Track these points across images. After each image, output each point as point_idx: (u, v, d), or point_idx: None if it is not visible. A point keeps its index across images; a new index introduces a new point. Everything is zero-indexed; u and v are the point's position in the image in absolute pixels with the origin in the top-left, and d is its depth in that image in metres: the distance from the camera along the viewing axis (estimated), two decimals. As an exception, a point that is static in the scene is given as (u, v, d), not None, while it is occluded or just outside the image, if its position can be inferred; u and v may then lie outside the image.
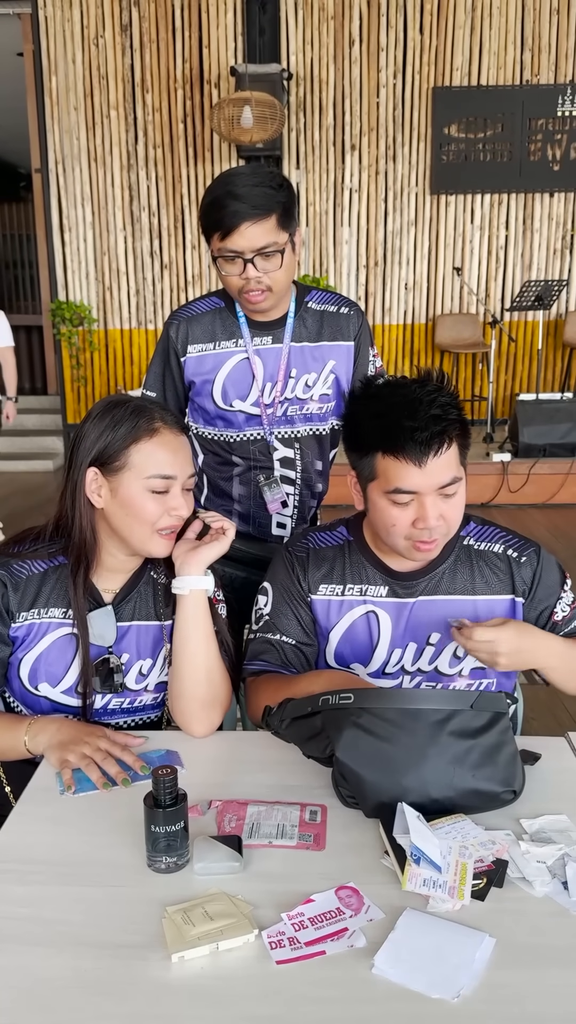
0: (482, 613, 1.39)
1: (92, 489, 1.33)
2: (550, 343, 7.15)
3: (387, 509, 1.30)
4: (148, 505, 1.31)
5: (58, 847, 1.09)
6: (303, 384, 1.76)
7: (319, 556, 1.43)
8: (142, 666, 1.41)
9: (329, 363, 1.77)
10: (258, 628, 1.44)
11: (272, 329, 1.74)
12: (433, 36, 6.81)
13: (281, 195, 1.60)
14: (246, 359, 1.74)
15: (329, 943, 0.92)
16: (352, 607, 1.41)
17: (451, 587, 1.39)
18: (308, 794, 1.19)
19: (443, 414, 1.25)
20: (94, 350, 7.29)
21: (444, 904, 0.97)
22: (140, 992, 0.87)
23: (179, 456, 1.34)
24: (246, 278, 1.62)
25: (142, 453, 1.31)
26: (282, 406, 1.76)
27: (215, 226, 1.60)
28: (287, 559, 1.44)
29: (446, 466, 1.27)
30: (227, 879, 1.02)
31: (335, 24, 6.78)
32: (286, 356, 1.74)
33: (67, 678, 1.38)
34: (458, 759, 1.09)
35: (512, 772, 1.12)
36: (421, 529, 1.29)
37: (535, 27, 6.78)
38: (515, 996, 0.86)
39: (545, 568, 1.41)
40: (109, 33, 6.85)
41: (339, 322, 1.79)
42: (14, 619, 1.37)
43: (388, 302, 7.23)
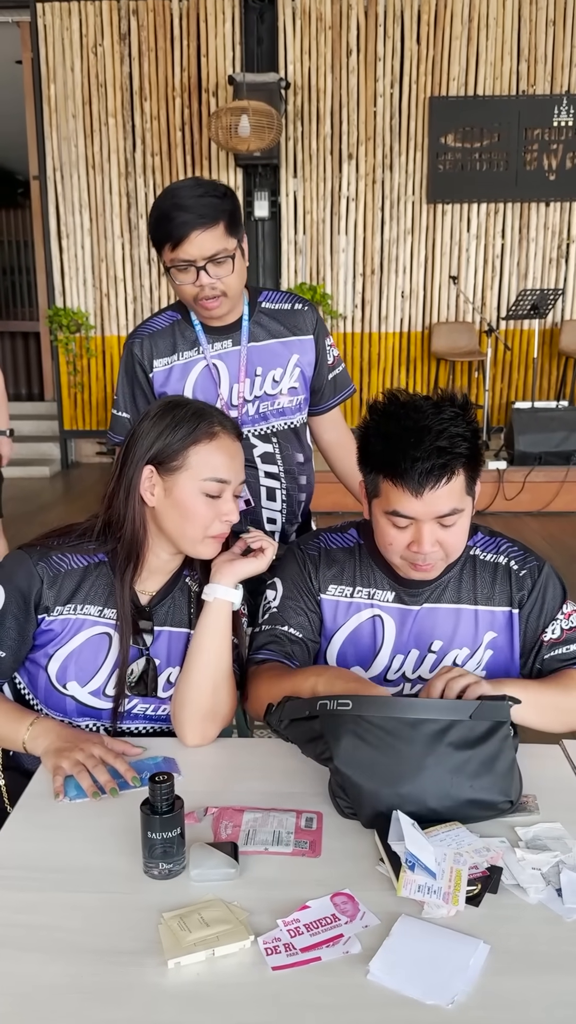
0: (482, 623, 1.40)
1: (146, 487, 1.34)
2: (545, 352, 7.18)
3: (386, 528, 1.31)
4: (200, 508, 1.32)
5: (54, 854, 1.09)
6: (271, 380, 1.81)
7: (330, 556, 1.44)
8: (171, 674, 1.40)
9: (293, 357, 1.83)
10: (264, 620, 1.44)
11: (229, 333, 1.80)
12: (430, 46, 6.85)
13: (226, 203, 1.65)
14: (208, 366, 1.79)
15: (325, 949, 0.93)
16: (359, 610, 1.42)
17: (455, 596, 1.40)
18: (304, 801, 1.20)
19: (450, 447, 1.23)
20: (91, 356, 7.30)
21: (439, 910, 0.97)
22: (137, 998, 0.87)
23: (235, 461, 1.36)
24: (200, 285, 1.67)
25: (200, 455, 1.32)
26: (253, 404, 1.81)
27: (166, 237, 1.64)
28: (299, 556, 1.45)
29: (446, 497, 1.26)
30: (223, 886, 1.02)
31: (332, 34, 6.82)
32: (245, 357, 1.79)
33: (96, 678, 1.37)
34: (456, 770, 1.10)
35: (509, 782, 1.12)
36: (416, 552, 1.29)
37: (531, 38, 6.83)
38: (510, 1003, 0.87)
39: (545, 585, 1.41)
40: (108, 42, 6.87)
41: (295, 318, 1.85)
42: (48, 612, 1.36)
43: (385, 310, 7.25)
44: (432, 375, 7.25)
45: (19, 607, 1.34)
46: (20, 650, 1.36)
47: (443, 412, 1.26)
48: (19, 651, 1.36)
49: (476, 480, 1.32)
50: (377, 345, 7.25)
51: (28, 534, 1.50)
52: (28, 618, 1.35)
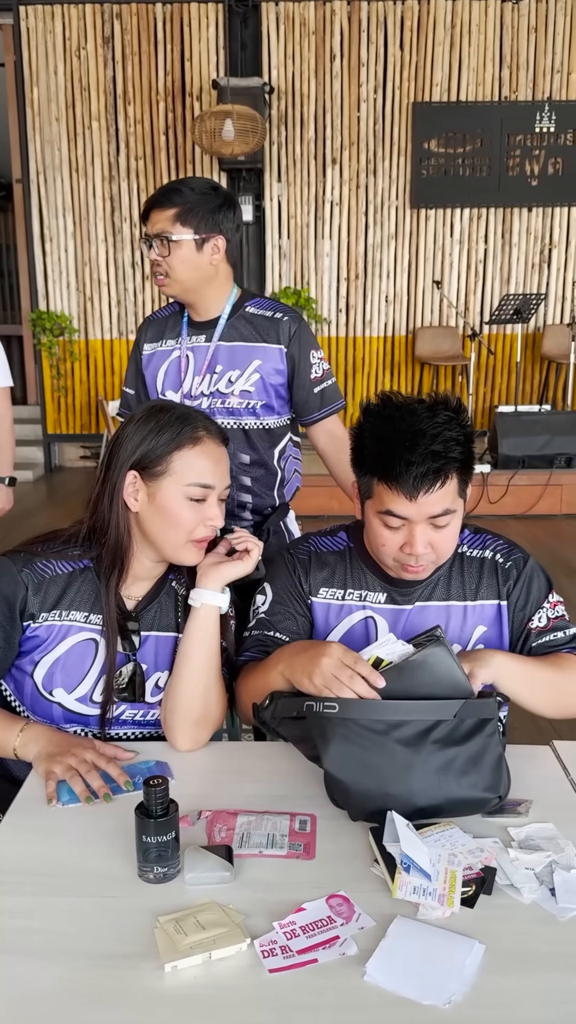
0: (471, 618, 1.41)
1: (129, 492, 1.34)
2: (528, 356, 7.22)
3: (379, 529, 1.31)
4: (184, 512, 1.32)
5: (48, 858, 1.09)
6: (226, 380, 1.90)
7: (320, 560, 1.44)
8: (159, 679, 1.40)
9: (254, 363, 1.89)
10: (252, 626, 1.45)
11: (207, 329, 1.92)
12: (413, 52, 6.89)
13: (194, 196, 1.82)
14: (181, 356, 1.92)
15: (321, 951, 0.93)
16: (351, 612, 1.42)
17: (445, 593, 1.41)
18: (297, 804, 1.20)
19: (443, 451, 1.24)
20: (75, 360, 7.28)
21: (434, 911, 0.98)
22: (133, 1002, 0.87)
23: (220, 466, 1.35)
24: (151, 260, 1.87)
25: (184, 460, 1.32)
26: (206, 399, 1.90)
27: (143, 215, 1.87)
28: (288, 561, 1.45)
29: (439, 500, 1.26)
30: (218, 889, 1.02)
31: (316, 39, 6.84)
32: (212, 353, 1.89)
33: (83, 685, 1.36)
34: (443, 768, 1.11)
35: (498, 777, 1.13)
36: (408, 554, 1.30)
37: (513, 45, 6.88)
38: (505, 1002, 0.87)
39: (530, 576, 1.43)
40: (91, 45, 6.86)
41: (269, 326, 1.91)
42: (34, 619, 1.35)
43: (369, 314, 7.27)
44: (416, 379, 7.28)
45: (4, 614, 1.33)
46: (6, 657, 1.35)
47: (437, 416, 1.26)
48: (5, 658, 1.35)
49: (468, 482, 1.33)
50: (361, 349, 7.27)
51: (12, 538, 1.49)
52: (14, 625, 1.34)
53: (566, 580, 4.57)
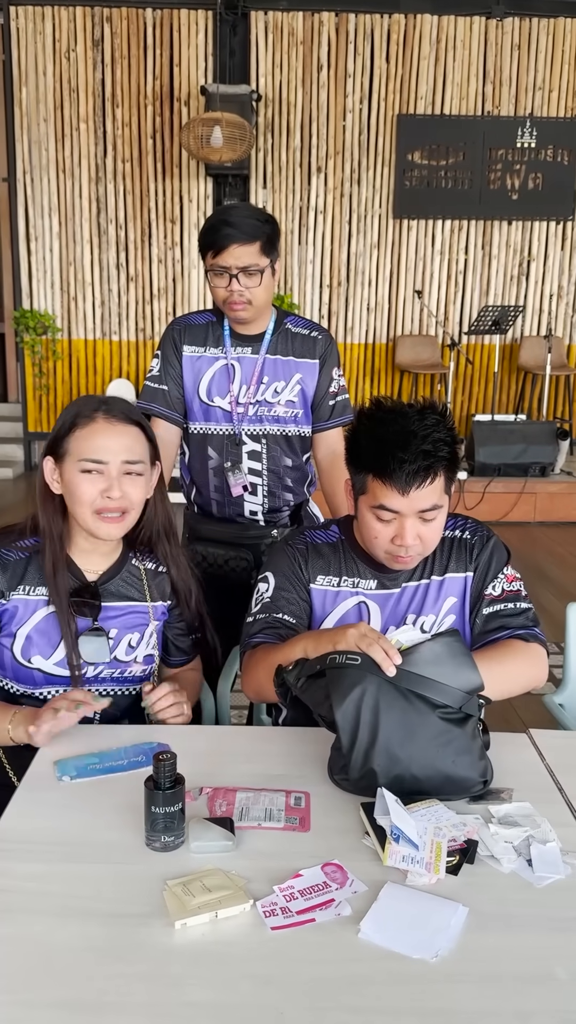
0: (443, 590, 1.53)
1: (51, 478, 1.46)
2: (505, 366, 7.36)
3: (372, 523, 1.42)
4: (82, 487, 1.42)
5: (60, 829, 1.16)
6: (272, 390, 2.04)
7: (317, 550, 1.55)
8: (131, 639, 1.53)
9: (296, 376, 2.05)
10: (257, 610, 1.53)
11: (252, 342, 2.04)
12: (399, 65, 7.01)
13: (267, 227, 1.93)
14: (227, 364, 2.02)
15: (318, 912, 1.01)
16: (345, 598, 1.53)
17: (423, 574, 1.54)
18: (292, 782, 1.28)
19: (433, 450, 1.35)
20: (57, 359, 7.31)
21: (421, 878, 1.06)
22: (148, 955, 0.94)
23: (111, 442, 1.43)
24: (230, 291, 1.93)
25: (78, 440, 1.43)
26: (253, 407, 2.03)
27: (210, 245, 1.93)
28: (288, 551, 1.56)
29: (429, 495, 1.38)
30: (221, 857, 1.10)
31: (304, 49, 6.94)
32: (260, 365, 2.03)
33: (59, 651, 1.48)
34: (445, 742, 1.20)
35: (485, 762, 1.23)
36: (399, 546, 1.41)
37: (497, 61, 7.02)
38: (486, 956, 0.96)
39: (492, 548, 1.56)
40: (81, 47, 6.91)
41: (309, 344, 2.08)
42: (4, 597, 1.47)
43: (350, 322, 7.38)
44: (396, 386, 7.39)
45: None
46: None
47: (427, 418, 1.38)
48: None
49: (453, 480, 1.45)
50: (342, 356, 7.37)
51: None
52: None
53: (539, 585, 4.69)
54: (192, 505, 2.15)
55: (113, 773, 1.28)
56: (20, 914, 1.00)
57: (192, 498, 2.14)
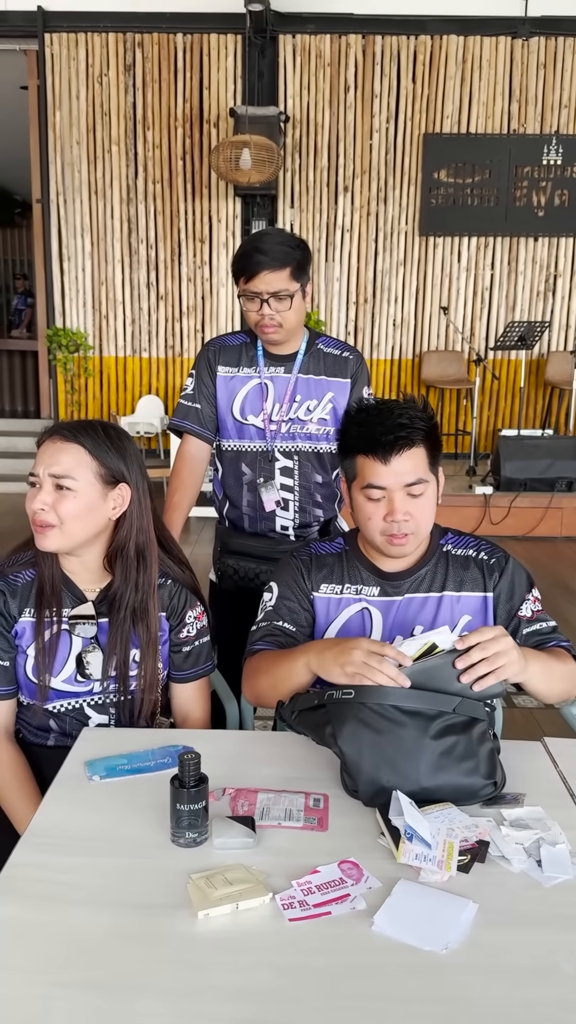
0: (458, 607, 1.57)
1: None
2: (532, 381, 7.39)
3: (364, 504, 1.51)
4: (27, 501, 1.49)
5: (91, 825, 1.22)
6: (305, 408, 2.11)
7: (320, 561, 1.62)
8: (134, 655, 1.57)
9: (328, 394, 2.13)
10: (261, 618, 1.61)
11: (285, 362, 2.12)
12: (425, 85, 7.10)
13: (296, 253, 2.00)
14: (261, 383, 2.10)
15: (334, 905, 1.06)
16: (349, 604, 1.59)
17: (431, 586, 1.58)
18: (311, 785, 1.33)
19: (410, 423, 1.48)
20: (89, 376, 7.45)
21: (434, 876, 1.11)
22: (172, 943, 1.00)
23: (45, 456, 1.47)
24: (262, 314, 2.01)
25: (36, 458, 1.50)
26: (286, 424, 2.10)
27: (242, 271, 2.01)
28: (293, 563, 1.63)
29: (411, 467, 1.47)
30: (243, 853, 1.15)
31: (331, 71, 7.06)
32: (293, 384, 2.10)
33: (66, 668, 1.55)
34: (446, 752, 1.24)
35: (493, 765, 1.27)
36: (391, 523, 1.48)
37: (522, 79, 7.10)
38: (494, 950, 1.00)
39: (512, 570, 1.61)
40: (113, 72, 7.09)
41: (340, 364, 2.16)
42: (16, 621, 1.55)
43: (376, 338, 7.45)
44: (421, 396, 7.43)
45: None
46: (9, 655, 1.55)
47: (404, 404, 1.52)
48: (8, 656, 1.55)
49: (437, 462, 1.53)
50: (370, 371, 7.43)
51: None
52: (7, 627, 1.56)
53: (564, 601, 4.69)
54: (224, 520, 2.22)
55: (141, 774, 1.34)
56: (55, 903, 1.06)
57: (225, 512, 2.21)
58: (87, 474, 1.48)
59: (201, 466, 2.18)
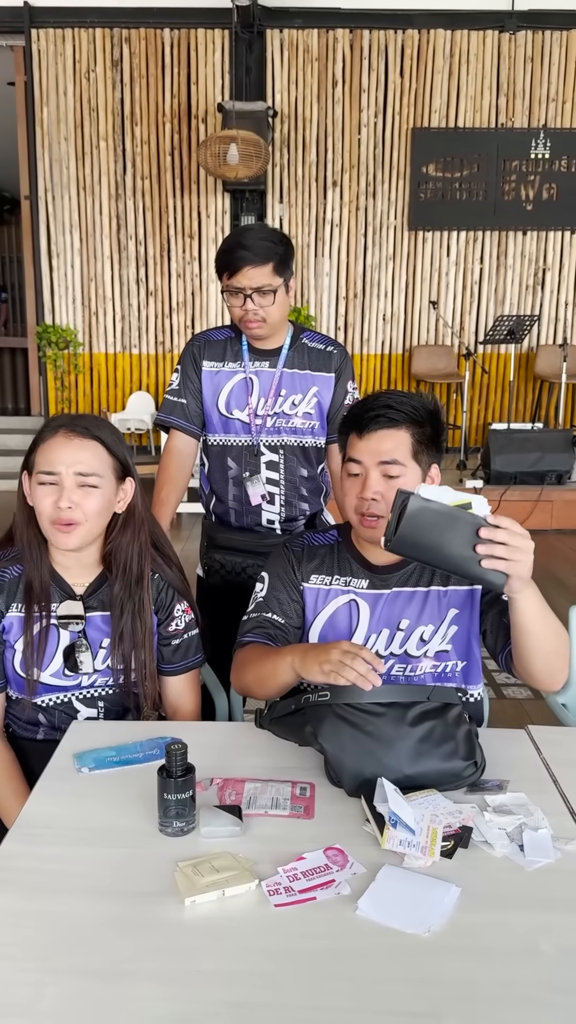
0: (445, 601, 1.58)
1: (28, 492, 1.53)
2: (521, 375, 7.42)
3: (346, 481, 1.54)
4: (39, 499, 1.49)
5: (80, 816, 1.24)
6: (290, 402, 2.12)
7: (312, 551, 1.64)
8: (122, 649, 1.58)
9: (313, 388, 2.14)
10: (251, 609, 1.63)
11: (270, 356, 2.12)
12: (413, 79, 7.11)
13: (279, 248, 2.00)
14: (246, 378, 2.10)
15: (319, 891, 1.08)
16: (337, 596, 1.60)
17: (419, 580, 1.58)
18: (298, 774, 1.35)
19: (396, 405, 1.49)
20: (79, 373, 7.45)
21: (417, 861, 1.13)
22: (161, 929, 1.02)
23: (65, 455, 1.48)
24: (245, 310, 2.01)
25: (38, 455, 1.50)
26: (271, 419, 2.11)
27: (225, 267, 2.01)
28: (285, 553, 1.65)
29: (390, 447, 1.48)
30: (230, 841, 1.17)
31: (319, 65, 7.06)
32: (278, 378, 2.11)
33: (53, 663, 1.56)
34: (424, 738, 1.27)
35: (471, 746, 1.30)
36: (362, 500, 1.50)
37: (510, 73, 7.11)
38: (475, 931, 1.02)
39: None
40: (100, 67, 7.07)
41: (324, 358, 2.16)
42: (3, 616, 1.56)
43: (367, 333, 7.46)
44: (414, 396, 7.45)
45: None
46: None
47: (406, 393, 1.55)
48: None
49: (426, 455, 1.51)
50: (359, 367, 7.45)
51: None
52: None
53: (555, 593, 4.72)
54: (210, 515, 2.23)
55: (129, 765, 1.36)
56: (45, 892, 1.08)
57: (211, 507, 2.21)
58: (107, 470, 1.52)
59: (188, 461, 2.19)
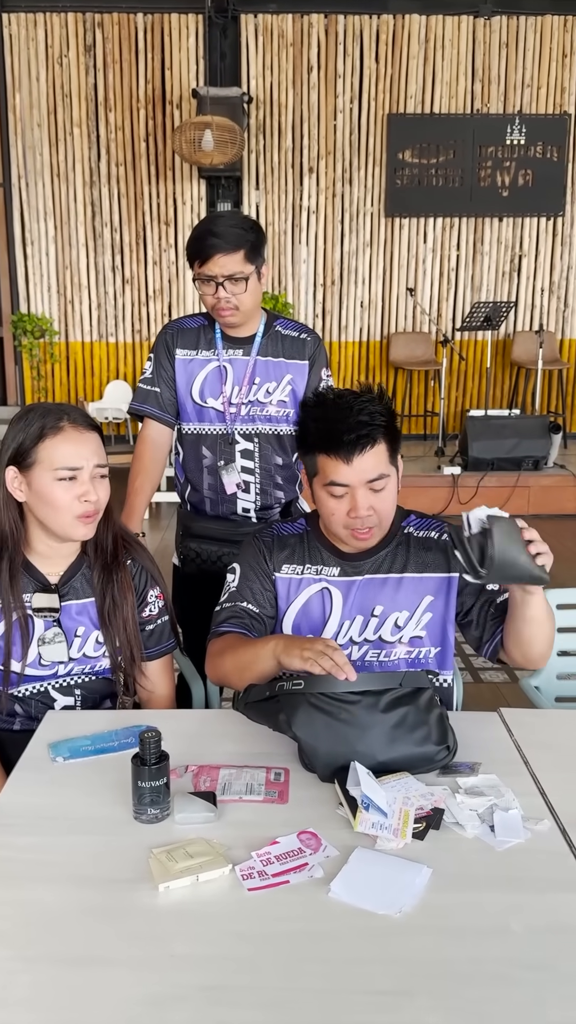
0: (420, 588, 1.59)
1: (14, 486, 1.52)
2: (498, 362, 7.44)
3: (326, 500, 1.52)
4: (59, 494, 1.48)
5: (54, 806, 1.24)
6: (264, 390, 2.12)
7: (283, 541, 1.64)
8: (98, 636, 1.59)
9: (287, 376, 2.13)
10: (225, 599, 1.63)
11: (243, 344, 2.12)
12: (388, 65, 7.08)
13: (250, 235, 1.99)
14: (219, 366, 2.09)
15: (292, 875, 1.09)
16: (309, 584, 1.61)
17: (392, 567, 1.59)
18: (273, 760, 1.36)
19: (370, 420, 1.47)
20: (55, 362, 7.40)
21: (389, 843, 1.14)
22: (136, 915, 1.03)
23: (83, 449, 1.50)
24: (217, 298, 2.01)
25: (48, 449, 1.49)
26: (245, 407, 2.10)
27: (196, 255, 2.00)
28: (255, 544, 1.65)
29: (373, 464, 1.48)
30: (204, 827, 1.18)
31: (294, 50, 7.02)
32: (252, 366, 2.10)
33: (29, 654, 1.55)
34: (398, 724, 1.28)
35: (444, 730, 1.31)
36: (354, 519, 1.49)
37: (485, 59, 7.10)
38: (446, 911, 1.04)
39: None
40: (73, 53, 6.99)
41: (298, 346, 2.16)
42: None
43: (344, 320, 7.46)
44: (390, 383, 7.47)
45: None
46: None
47: (362, 396, 1.51)
48: None
49: (397, 453, 1.54)
50: (337, 354, 7.45)
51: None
52: None
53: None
54: (185, 503, 2.23)
55: (104, 754, 1.36)
56: (20, 881, 1.09)
57: (186, 496, 2.21)
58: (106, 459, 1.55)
59: (163, 450, 2.18)
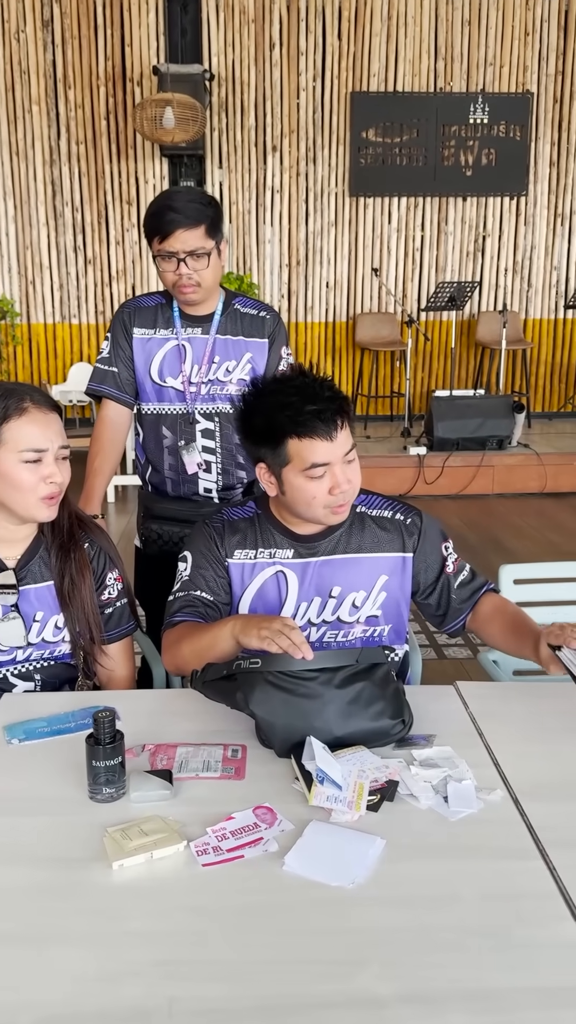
0: (375, 568, 1.60)
1: None
2: (463, 342, 7.47)
3: (305, 486, 1.48)
4: (23, 476, 1.47)
5: (9, 788, 1.24)
6: (224, 369, 2.10)
7: (233, 526, 1.62)
8: (57, 620, 1.57)
9: (247, 355, 2.12)
10: (178, 588, 1.61)
11: (202, 323, 2.10)
12: (351, 42, 7.03)
13: (209, 211, 1.97)
14: (178, 345, 2.08)
15: (247, 849, 1.09)
16: (263, 568, 1.59)
17: (347, 547, 1.59)
18: (230, 737, 1.36)
19: (335, 395, 1.48)
20: (17, 344, 7.29)
21: (344, 816, 1.15)
22: (89, 893, 1.03)
23: (48, 430, 1.49)
24: (179, 274, 1.99)
25: (12, 431, 1.47)
26: (205, 386, 2.09)
27: (155, 231, 1.97)
28: (206, 530, 1.63)
29: (347, 436, 1.49)
30: (160, 805, 1.18)
31: (256, 27, 6.94)
32: (211, 345, 2.09)
33: None
34: (353, 700, 1.29)
35: (399, 704, 1.32)
36: (337, 495, 1.49)
37: (448, 37, 7.07)
38: (399, 881, 1.05)
39: (427, 528, 1.65)
40: (30, 28, 6.85)
41: (257, 323, 2.14)
42: None
43: (310, 300, 7.43)
44: (356, 364, 7.47)
45: None
46: None
47: (309, 376, 1.51)
48: None
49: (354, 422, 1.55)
50: (303, 335, 7.43)
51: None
52: None
53: (496, 557, 4.80)
54: (147, 485, 2.21)
55: (60, 735, 1.36)
56: (-30, 862, 1.08)
57: (147, 478, 2.19)
58: None
59: (121, 431, 2.16)
